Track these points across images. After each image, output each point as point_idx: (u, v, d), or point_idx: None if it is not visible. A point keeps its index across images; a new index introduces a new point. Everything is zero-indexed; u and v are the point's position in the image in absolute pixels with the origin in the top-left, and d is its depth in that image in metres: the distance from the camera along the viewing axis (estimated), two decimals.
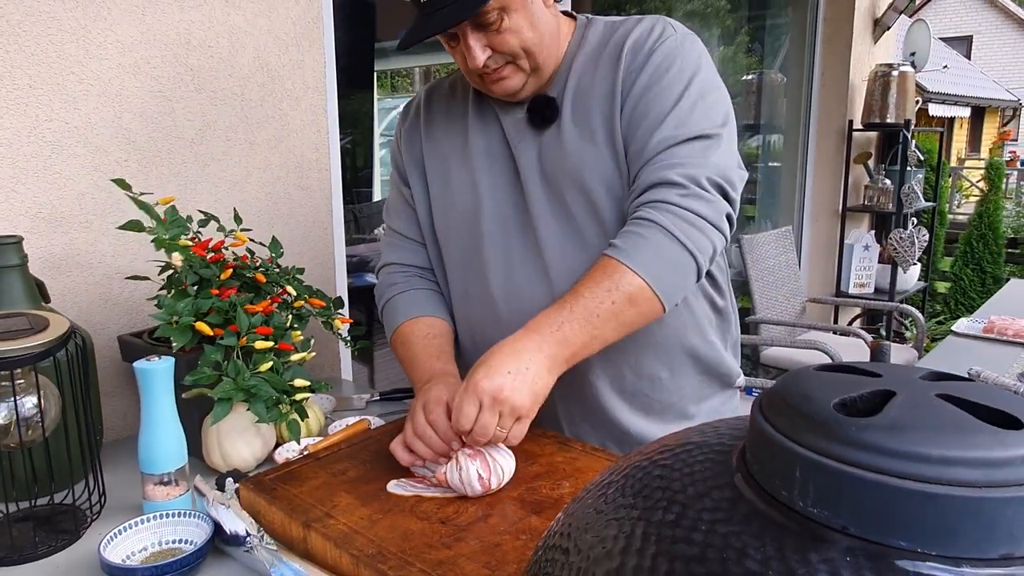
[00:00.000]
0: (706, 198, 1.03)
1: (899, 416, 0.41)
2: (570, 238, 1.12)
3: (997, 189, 6.88)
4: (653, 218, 1.01)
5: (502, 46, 1.05)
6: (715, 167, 1.05)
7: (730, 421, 0.61)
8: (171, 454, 1.02)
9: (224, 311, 1.12)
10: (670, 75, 1.06)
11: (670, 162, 1.04)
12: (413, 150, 1.24)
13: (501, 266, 1.16)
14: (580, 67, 1.13)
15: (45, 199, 1.26)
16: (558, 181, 1.11)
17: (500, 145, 1.17)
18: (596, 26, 1.15)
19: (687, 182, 1.02)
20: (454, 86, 1.24)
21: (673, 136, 1.04)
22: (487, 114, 1.18)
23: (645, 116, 1.06)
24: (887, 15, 4.26)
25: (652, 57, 1.07)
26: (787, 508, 0.41)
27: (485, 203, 1.16)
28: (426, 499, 0.98)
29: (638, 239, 1.01)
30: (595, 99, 1.10)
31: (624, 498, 0.51)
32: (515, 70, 1.08)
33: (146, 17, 1.33)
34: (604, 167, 1.09)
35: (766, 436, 0.44)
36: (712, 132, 1.06)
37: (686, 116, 1.05)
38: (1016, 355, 2.22)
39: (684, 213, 1.01)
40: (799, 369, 0.52)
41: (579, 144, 1.10)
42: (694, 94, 1.06)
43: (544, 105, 1.12)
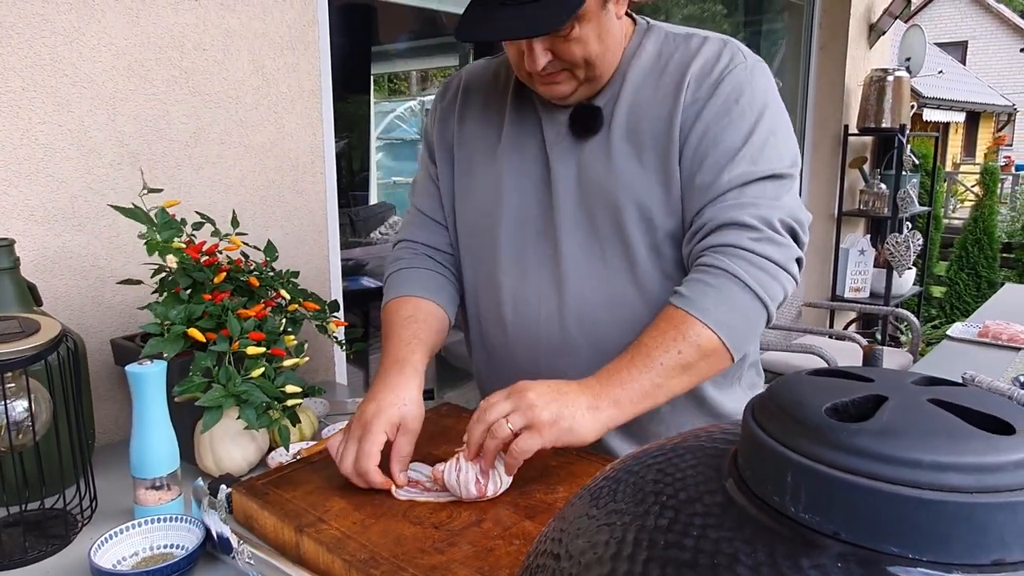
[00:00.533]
0: (779, 242, 0.99)
1: (891, 421, 0.41)
2: (591, 255, 1.08)
3: (992, 194, 6.90)
4: (723, 265, 0.97)
5: (565, 54, 0.99)
6: (787, 209, 1.00)
7: (724, 426, 0.61)
8: (163, 458, 1.01)
9: (217, 315, 1.12)
10: (740, 106, 1.01)
11: (741, 201, 0.99)
12: (445, 133, 1.20)
13: (513, 270, 1.12)
14: (636, 79, 1.06)
15: (38, 201, 1.25)
16: (592, 195, 1.06)
17: (535, 146, 1.12)
18: (656, 34, 1.09)
19: (760, 224, 0.98)
20: (498, 72, 1.18)
21: (745, 174, 1.00)
22: (527, 110, 1.13)
23: (713, 149, 1.01)
24: (882, 20, 4.27)
25: (720, 87, 1.02)
26: (778, 513, 0.41)
27: (507, 203, 1.12)
28: (419, 504, 0.97)
29: (705, 288, 0.97)
30: (650, 120, 1.04)
31: (616, 503, 0.51)
32: (569, 77, 1.03)
33: (140, 20, 1.33)
34: (646, 192, 1.04)
35: (758, 441, 0.44)
36: (784, 172, 1.02)
37: (758, 153, 1.00)
38: (1011, 360, 2.22)
39: (756, 259, 0.97)
40: (792, 374, 0.52)
41: (625, 163, 1.04)
42: (765, 129, 1.01)
43: (589, 115, 1.07)
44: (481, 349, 1.22)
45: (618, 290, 1.08)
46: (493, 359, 1.19)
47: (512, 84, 1.14)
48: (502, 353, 1.17)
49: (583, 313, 1.09)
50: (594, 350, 1.08)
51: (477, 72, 1.21)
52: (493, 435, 0.92)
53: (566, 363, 1.10)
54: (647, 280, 1.07)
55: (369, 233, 4.51)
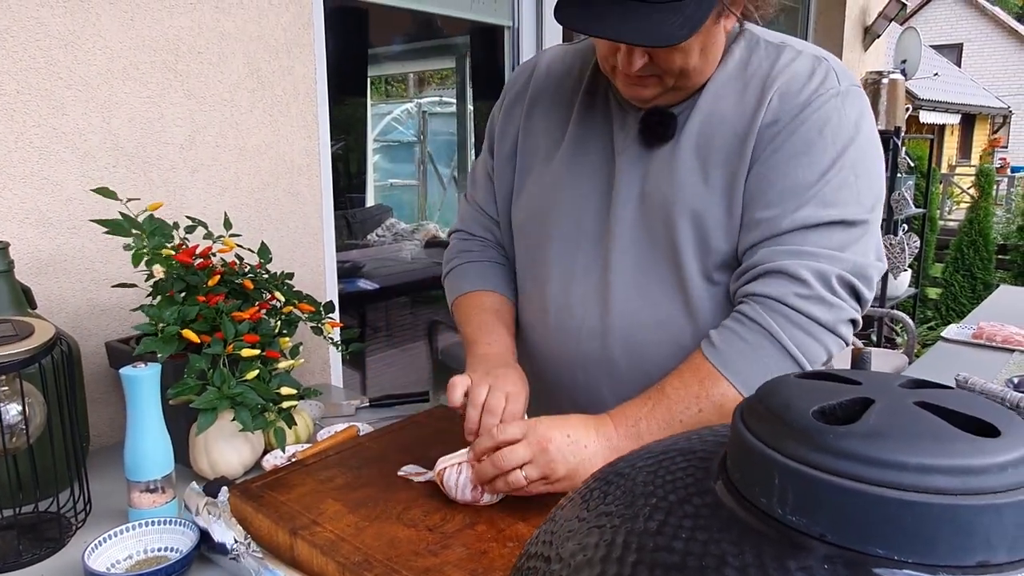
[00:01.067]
0: (829, 302, 0.89)
1: (877, 424, 0.41)
2: (643, 272, 1.01)
3: (988, 196, 6.93)
4: (759, 319, 0.90)
5: (664, 62, 0.91)
6: (851, 264, 0.90)
7: (716, 428, 0.62)
8: (157, 461, 1.02)
9: (211, 318, 1.12)
10: (823, 138, 0.90)
11: (800, 249, 0.90)
12: (508, 125, 1.14)
13: (561, 274, 1.07)
14: (716, 88, 0.97)
15: (32, 204, 1.25)
16: (651, 208, 0.99)
17: (601, 150, 1.04)
18: (747, 40, 0.99)
19: (813, 280, 0.89)
20: (573, 64, 1.11)
21: (811, 217, 0.90)
22: (598, 107, 1.06)
23: (783, 181, 0.91)
24: (877, 23, 4.29)
25: (805, 111, 0.91)
26: (766, 516, 0.41)
27: (564, 203, 1.05)
28: (414, 506, 0.97)
29: (739, 343, 0.91)
30: (723, 135, 0.95)
31: (606, 505, 0.51)
32: (658, 82, 0.94)
33: (135, 23, 1.33)
34: (706, 212, 0.95)
35: (746, 443, 0.44)
36: (858, 219, 0.91)
37: (832, 194, 0.90)
38: (1004, 361, 2.23)
39: (798, 317, 0.89)
40: (780, 377, 0.52)
41: (688, 176, 0.96)
42: (847, 167, 0.91)
43: (660, 121, 0.98)
44: (524, 353, 1.18)
45: (667, 313, 1.01)
46: (535, 363, 1.15)
47: (587, 75, 1.07)
48: (543, 360, 1.13)
49: (628, 333, 1.02)
50: (636, 371, 1.03)
51: (553, 61, 1.14)
52: (506, 482, 0.92)
53: (605, 382, 1.06)
54: (699, 306, 0.99)
55: (366, 235, 4.51)
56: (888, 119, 4.10)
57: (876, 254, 0.94)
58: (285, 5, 1.55)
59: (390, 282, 3.62)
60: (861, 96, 0.95)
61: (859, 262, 0.91)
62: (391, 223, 4.71)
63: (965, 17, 20.53)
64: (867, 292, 0.92)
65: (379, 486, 1.03)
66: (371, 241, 4.49)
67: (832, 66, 0.95)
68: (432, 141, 6.16)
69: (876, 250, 0.94)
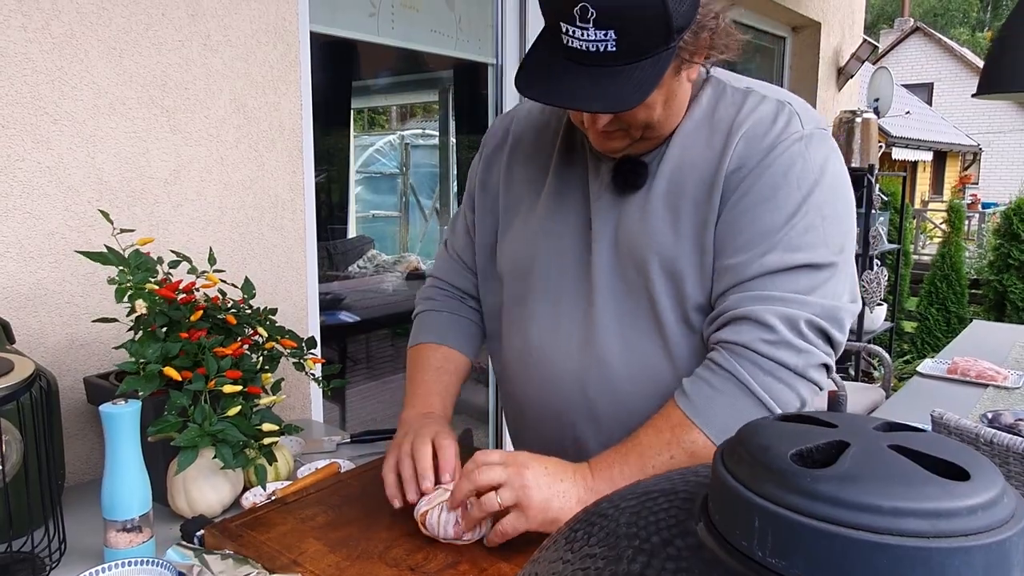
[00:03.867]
0: (797, 347, 0.89)
1: (852, 468, 0.42)
2: (623, 317, 1.02)
3: (959, 231, 7.08)
4: (728, 367, 0.90)
5: (628, 119, 0.92)
6: (820, 307, 0.90)
7: (698, 468, 0.62)
8: (135, 500, 1.00)
9: (193, 353, 1.12)
10: (787, 183, 0.91)
11: (768, 294, 0.90)
12: (489, 178, 1.16)
13: (544, 323, 1.07)
14: (684, 135, 0.98)
15: (14, 238, 1.24)
16: (625, 255, 1.00)
17: (579, 199, 1.05)
18: (713, 87, 1.00)
19: (781, 326, 0.88)
20: (551, 114, 1.12)
21: (778, 262, 0.90)
22: (575, 160, 1.07)
23: (750, 227, 0.92)
24: (850, 64, 4.42)
25: (769, 156, 0.92)
26: (746, 558, 0.42)
27: (547, 252, 1.07)
28: (395, 545, 0.97)
29: (708, 390, 0.91)
30: (692, 183, 0.96)
31: (590, 547, 0.51)
32: (625, 135, 0.96)
33: (123, 59, 1.34)
34: (678, 259, 0.96)
35: (727, 486, 0.45)
36: (826, 262, 0.91)
37: (799, 238, 0.90)
38: (978, 396, 2.26)
39: (767, 363, 0.89)
40: (760, 419, 0.53)
41: (659, 225, 0.97)
42: (812, 210, 0.91)
43: (631, 169, 0.99)
44: (507, 400, 1.20)
45: (647, 360, 1.01)
46: (518, 409, 1.17)
47: (563, 129, 1.09)
48: (526, 407, 1.14)
49: (609, 381, 1.03)
50: (618, 418, 1.03)
51: (530, 113, 1.16)
52: (481, 505, 0.91)
53: (588, 428, 1.07)
54: (678, 352, 1.00)
55: (347, 266, 4.50)
56: (862, 157, 4.20)
57: (849, 295, 0.94)
58: (272, 43, 1.57)
59: (371, 314, 3.61)
60: (826, 139, 0.96)
61: (828, 305, 0.91)
62: (372, 254, 4.71)
63: (935, 57, 21.16)
64: (839, 335, 0.92)
65: (360, 525, 1.02)
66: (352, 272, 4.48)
67: (796, 110, 0.95)
68: (414, 173, 6.19)
69: (850, 292, 0.94)
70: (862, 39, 4.50)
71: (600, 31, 0.81)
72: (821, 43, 4.18)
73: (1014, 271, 6.46)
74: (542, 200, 1.09)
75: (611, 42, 0.81)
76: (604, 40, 0.81)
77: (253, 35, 1.53)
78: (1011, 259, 6.45)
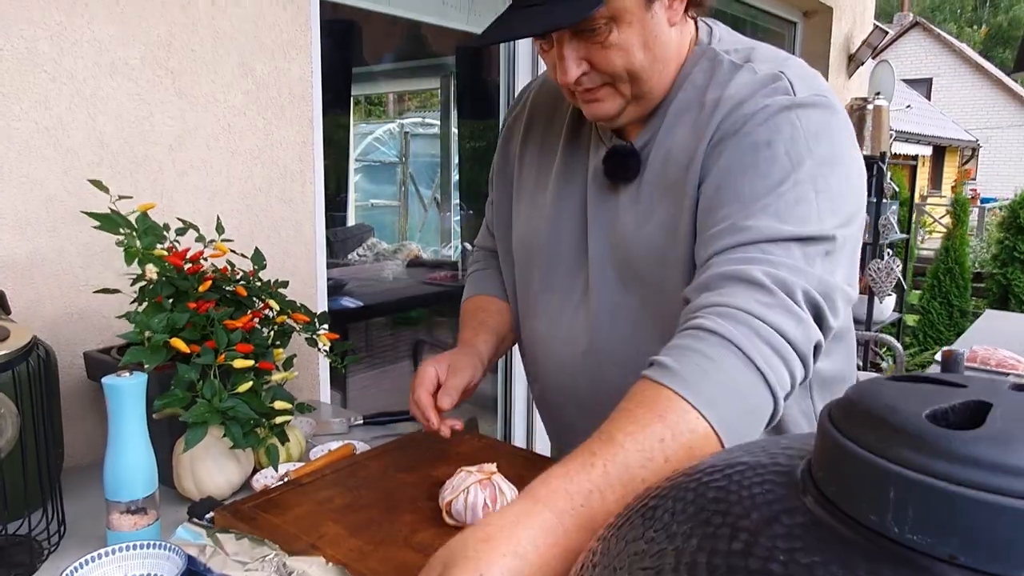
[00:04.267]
0: (796, 314, 0.74)
1: (1006, 428, 0.36)
2: (619, 311, 0.97)
3: (963, 224, 7.04)
4: (723, 331, 0.72)
5: (603, 64, 0.85)
6: (817, 279, 0.77)
7: (778, 439, 0.56)
8: (140, 480, 0.93)
9: (201, 326, 1.05)
10: (771, 150, 0.81)
11: (757, 257, 0.77)
12: (508, 152, 1.15)
13: (545, 307, 1.06)
14: (674, 116, 0.91)
15: (9, 204, 1.17)
16: (620, 253, 0.95)
17: (581, 180, 1.00)
18: (708, 59, 0.91)
19: (775, 286, 0.74)
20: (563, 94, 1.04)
21: (769, 228, 0.78)
22: (581, 139, 1.03)
23: (731, 196, 0.81)
24: (861, 51, 4.35)
25: (749, 123, 0.82)
26: (878, 535, 0.36)
27: (547, 237, 1.04)
28: (420, 529, 0.91)
29: (701, 360, 0.71)
30: (677, 167, 0.88)
31: (677, 524, 0.45)
32: (612, 93, 0.88)
33: (126, 15, 1.27)
34: (671, 252, 0.89)
35: (847, 452, 0.39)
36: (823, 234, 0.78)
37: (787, 210, 0.78)
38: None
39: (765, 329, 0.72)
40: (868, 380, 0.47)
41: (653, 219, 0.90)
42: (804, 181, 0.79)
43: (622, 161, 0.93)
44: (532, 378, 1.18)
45: (645, 350, 0.84)
46: (540, 389, 1.14)
47: (571, 109, 1.03)
48: (546, 389, 1.11)
49: (610, 370, 0.97)
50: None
51: (544, 86, 1.11)
52: None
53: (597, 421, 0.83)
54: None
55: (347, 254, 4.45)
56: (873, 145, 4.14)
57: (845, 278, 0.81)
58: (283, 5, 1.49)
59: (372, 301, 3.55)
60: (827, 108, 0.84)
61: (826, 279, 0.78)
62: (372, 243, 4.65)
63: (934, 52, 21.12)
64: (831, 318, 0.78)
65: (381, 508, 0.96)
66: (352, 260, 4.42)
67: (790, 78, 0.85)
68: (414, 162, 6.12)
69: (845, 275, 0.82)
70: (873, 25, 4.43)
71: None
72: (832, 29, 4.12)
73: (1018, 264, 6.43)
74: (551, 181, 1.05)
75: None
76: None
77: None
78: (1016, 252, 6.42)
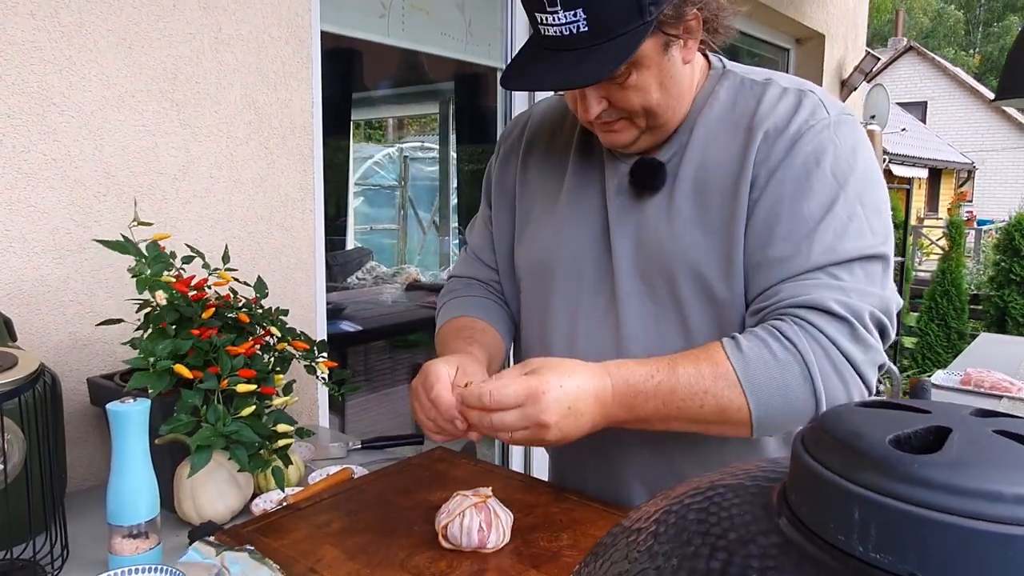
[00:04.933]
0: (867, 342, 0.85)
1: (962, 453, 0.38)
2: (647, 320, 0.99)
3: (959, 246, 7.08)
4: (796, 341, 0.83)
5: (622, 103, 0.91)
6: (879, 299, 0.86)
7: (759, 462, 0.58)
8: (142, 504, 0.95)
9: (204, 352, 1.07)
10: (821, 170, 0.88)
11: (828, 283, 0.85)
12: (505, 176, 1.15)
13: (566, 326, 1.04)
14: (705, 132, 0.96)
15: (17, 232, 1.20)
16: (650, 259, 0.97)
17: (596, 199, 1.03)
18: (731, 80, 0.98)
19: (851, 317, 0.84)
20: (566, 113, 1.11)
21: (831, 251, 0.86)
22: (592, 158, 1.05)
23: (789, 218, 0.88)
24: (853, 76, 4.42)
25: (798, 145, 0.89)
26: (844, 554, 0.38)
27: (565, 255, 1.04)
28: (416, 553, 0.92)
29: (767, 355, 0.84)
30: (718, 180, 0.93)
31: (659, 545, 0.47)
32: (628, 125, 0.94)
33: (133, 51, 1.31)
34: (707, 260, 0.93)
35: (816, 476, 0.41)
36: (877, 252, 0.87)
37: (843, 227, 0.86)
38: (993, 407, 2.23)
39: (834, 352, 0.84)
40: (838, 406, 0.49)
41: (687, 227, 0.94)
42: (851, 198, 0.87)
43: (650, 172, 0.97)
44: None
45: None
46: None
47: (579, 128, 1.07)
48: None
49: None
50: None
51: (546, 112, 1.15)
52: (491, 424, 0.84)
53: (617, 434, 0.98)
54: None
55: (346, 278, 4.47)
56: None
57: (893, 290, 0.90)
58: (284, 39, 1.54)
59: (371, 325, 3.57)
60: (855, 125, 0.92)
61: (885, 297, 0.87)
62: (371, 266, 4.68)
63: (928, 76, 21.35)
64: (891, 330, 0.88)
65: (378, 531, 0.98)
66: (351, 284, 4.45)
67: (819, 98, 0.93)
68: (413, 186, 6.17)
69: (892, 287, 0.91)
70: (865, 51, 4.51)
71: (568, 12, 0.82)
72: (825, 55, 4.19)
73: (1015, 287, 6.46)
74: (561, 200, 1.06)
75: (582, 22, 0.82)
76: (575, 21, 0.82)
77: (265, 30, 1.50)
78: (1012, 274, 6.45)
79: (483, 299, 1.17)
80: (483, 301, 1.16)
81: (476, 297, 1.17)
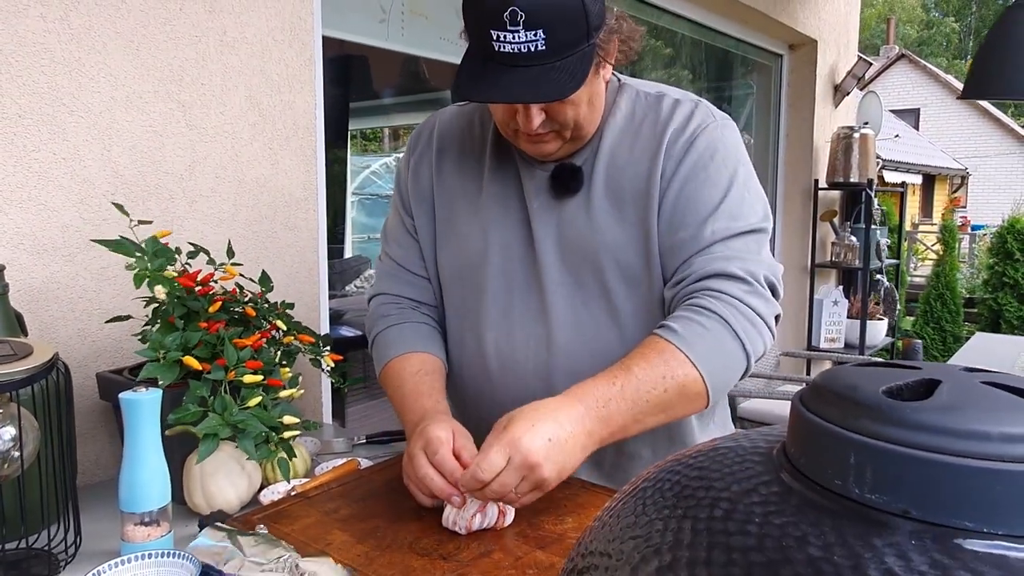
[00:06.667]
0: (764, 296, 1.01)
1: (951, 399, 0.41)
2: (577, 310, 1.09)
3: (952, 251, 7.13)
4: (716, 309, 0.98)
5: (559, 116, 1.00)
6: (767, 264, 1.04)
7: (758, 429, 0.61)
8: (154, 492, 0.97)
9: (212, 345, 1.09)
10: (715, 163, 1.04)
11: (727, 254, 1.01)
12: (420, 183, 1.18)
13: (499, 324, 1.12)
14: (613, 138, 1.09)
15: (28, 230, 1.22)
16: (574, 252, 1.08)
17: (516, 200, 1.12)
18: (628, 93, 1.11)
19: (749, 277, 1.00)
20: (472, 120, 1.18)
21: (728, 228, 1.02)
22: (507, 164, 1.13)
23: (694, 204, 1.03)
24: (846, 81, 4.47)
25: (695, 143, 1.05)
26: (842, 497, 0.40)
27: (492, 255, 1.12)
28: (424, 536, 0.94)
29: (699, 328, 0.97)
30: (629, 178, 1.07)
31: (664, 500, 0.49)
32: (556, 137, 1.04)
33: (140, 52, 1.33)
34: (627, 248, 1.06)
35: (814, 427, 0.43)
36: (760, 226, 1.05)
37: (737, 208, 1.03)
38: None
39: (746, 310, 0.99)
40: (838, 367, 0.52)
41: (605, 221, 1.07)
42: (740, 185, 1.05)
43: (570, 175, 1.08)
44: (460, 399, 1.20)
45: (603, 343, 1.09)
46: (474, 406, 1.17)
47: (491, 135, 1.14)
48: (484, 402, 1.15)
49: (570, 368, 1.08)
50: None
51: (451, 120, 1.20)
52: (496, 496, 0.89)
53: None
54: (633, 333, 1.08)
55: (345, 286, 4.49)
56: (860, 172, 4.23)
57: (774, 259, 1.08)
58: (288, 42, 1.57)
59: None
60: (734, 127, 1.11)
61: (771, 262, 1.05)
62: (369, 274, 4.70)
63: (921, 83, 21.50)
64: (780, 290, 1.05)
65: (387, 517, 1.00)
66: (350, 291, 4.46)
67: (707, 107, 1.10)
68: None
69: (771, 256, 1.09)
70: (857, 57, 4.56)
71: (530, 31, 0.89)
72: (818, 61, 4.23)
73: (1009, 289, 6.50)
74: (481, 203, 1.13)
75: (540, 41, 0.90)
76: (534, 40, 0.90)
77: (269, 33, 1.53)
78: (1006, 277, 6.49)
79: (421, 325, 1.18)
80: (423, 328, 1.18)
81: (413, 323, 1.18)
